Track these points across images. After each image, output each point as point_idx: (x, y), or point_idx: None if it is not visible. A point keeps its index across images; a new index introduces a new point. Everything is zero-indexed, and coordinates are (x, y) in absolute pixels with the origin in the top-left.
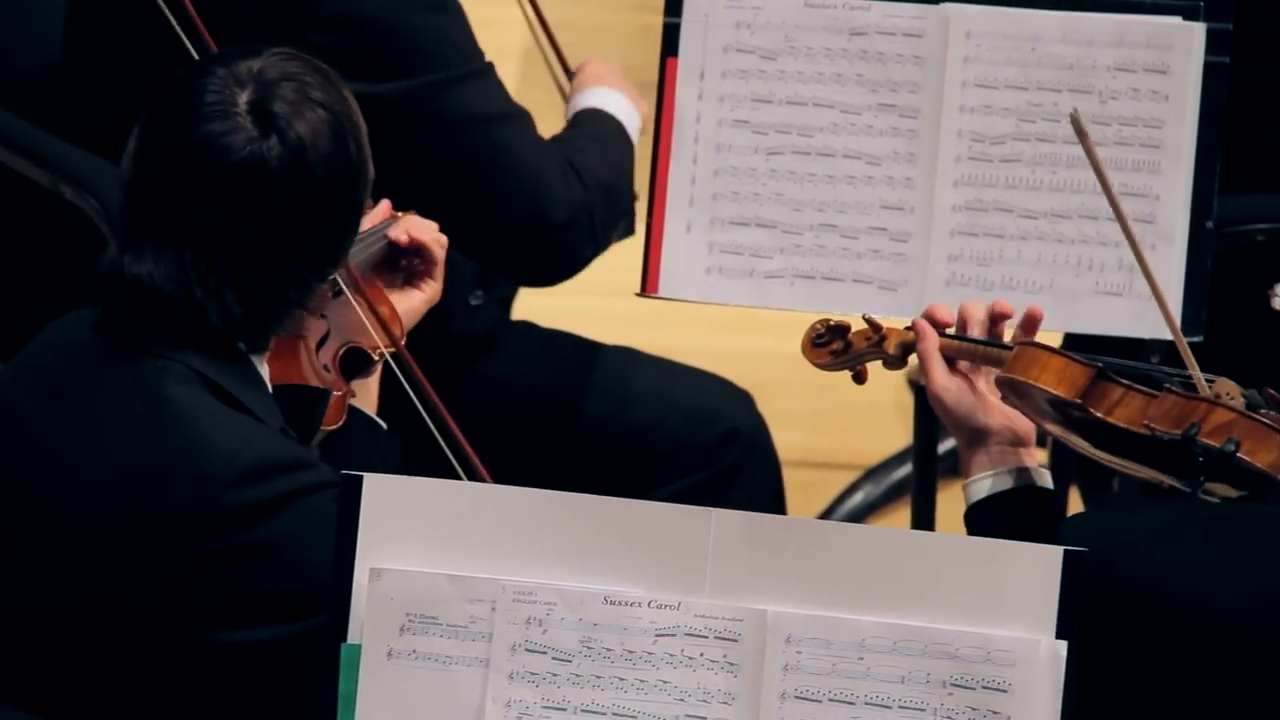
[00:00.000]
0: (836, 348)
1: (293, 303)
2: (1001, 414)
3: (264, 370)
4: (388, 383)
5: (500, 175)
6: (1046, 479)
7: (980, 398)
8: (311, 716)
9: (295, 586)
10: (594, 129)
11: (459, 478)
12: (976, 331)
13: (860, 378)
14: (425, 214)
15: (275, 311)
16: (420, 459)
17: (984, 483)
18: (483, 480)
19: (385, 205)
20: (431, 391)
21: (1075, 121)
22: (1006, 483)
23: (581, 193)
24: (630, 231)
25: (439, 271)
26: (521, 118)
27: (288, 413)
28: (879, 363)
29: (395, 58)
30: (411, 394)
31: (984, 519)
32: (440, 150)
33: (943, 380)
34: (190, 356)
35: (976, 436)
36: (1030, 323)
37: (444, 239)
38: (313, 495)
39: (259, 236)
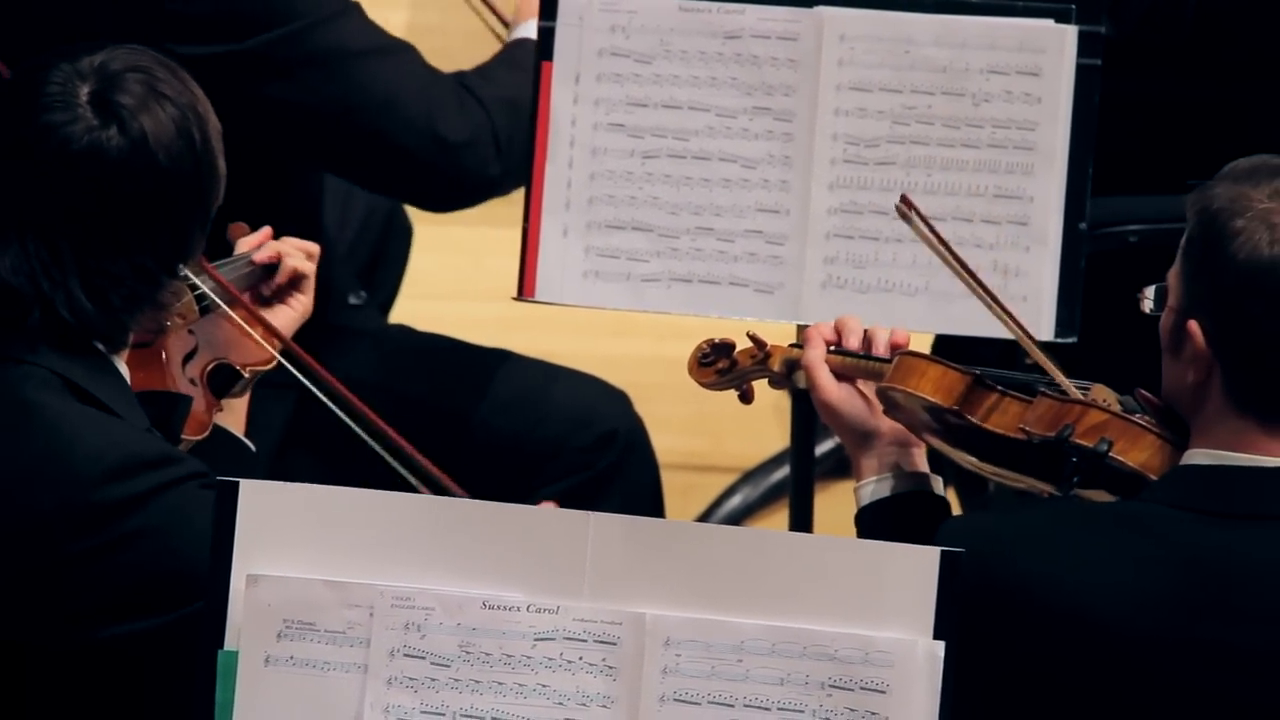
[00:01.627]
0: (722, 366)
1: (143, 297)
2: (891, 418)
3: (124, 369)
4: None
5: (390, 108)
6: (937, 484)
7: (869, 402)
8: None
9: (172, 573)
10: (511, 55)
11: (380, 472)
12: (855, 344)
13: (746, 397)
14: (326, 163)
15: (124, 305)
16: (342, 463)
17: (874, 486)
18: (420, 466)
19: (265, 232)
20: (339, 385)
21: (903, 208)
22: (897, 486)
23: (480, 112)
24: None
25: (309, 285)
26: (401, 49)
27: (149, 419)
28: (765, 381)
29: (255, 12)
30: (314, 389)
31: (874, 522)
32: (321, 94)
33: (831, 386)
34: (49, 358)
35: (866, 440)
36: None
37: (315, 252)
38: (183, 485)
39: (101, 226)
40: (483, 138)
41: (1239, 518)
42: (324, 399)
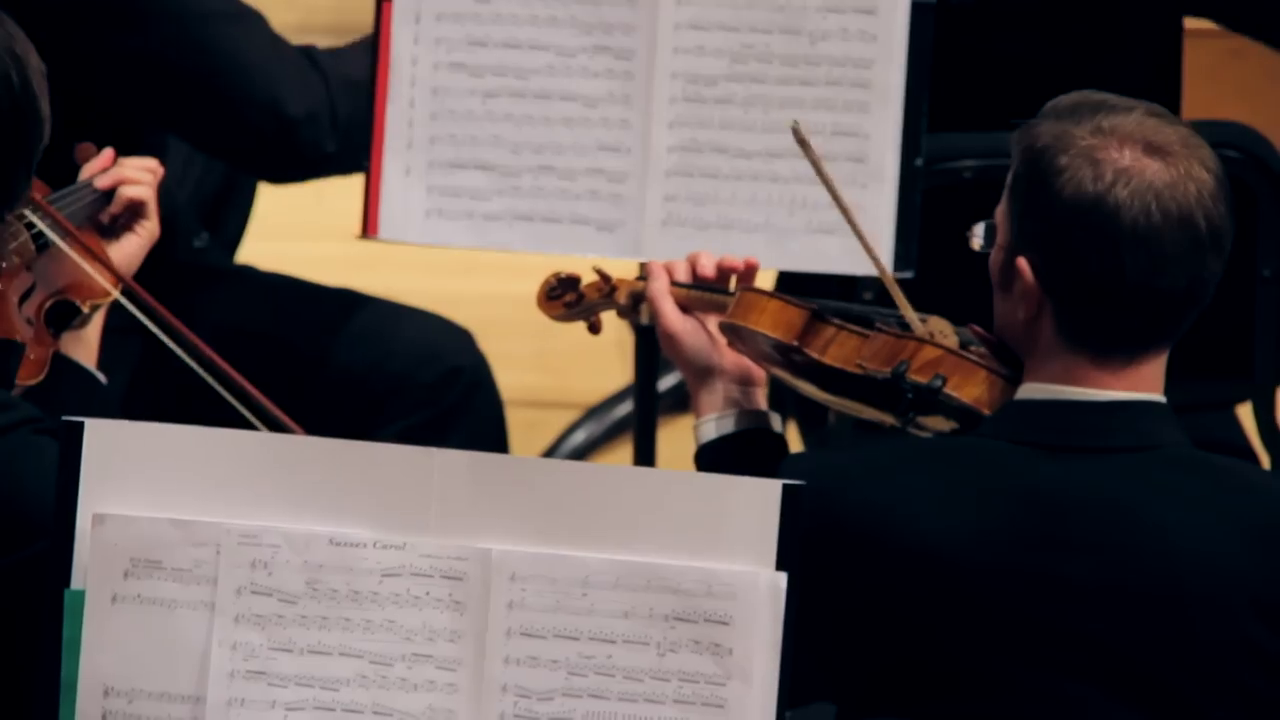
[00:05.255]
0: (570, 299)
1: None
2: (733, 355)
3: None
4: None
5: (232, 73)
6: (776, 422)
7: (713, 338)
8: (38, 661)
9: (10, 516)
10: (368, 42)
11: (222, 409)
12: (705, 277)
13: (595, 328)
14: (165, 121)
15: None
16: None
17: (714, 424)
18: (258, 402)
19: (108, 154)
20: (177, 322)
21: (796, 132)
22: (736, 424)
23: (322, 88)
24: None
25: (151, 210)
26: (250, 16)
27: None
28: (613, 312)
29: None
30: (154, 328)
31: (713, 460)
32: (164, 49)
33: (675, 319)
34: None
35: (708, 376)
36: (749, 272)
37: (157, 170)
38: (15, 431)
39: None
40: (320, 114)
41: (1072, 451)
42: (160, 334)
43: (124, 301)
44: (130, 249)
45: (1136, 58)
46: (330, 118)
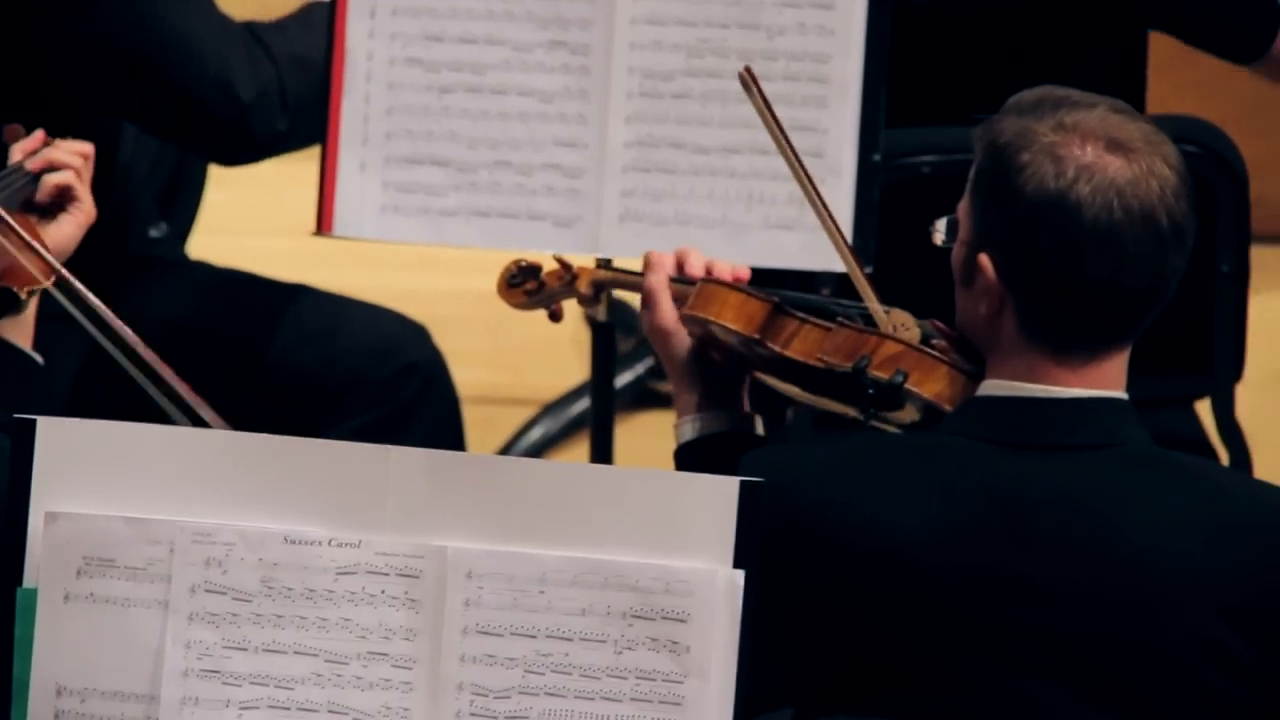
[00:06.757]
0: (530, 288)
1: None
2: (719, 356)
3: None
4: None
5: (182, 55)
6: (759, 424)
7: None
8: None
9: None
10: (306, 13)
11: (154, 404)
12: (694, 274)
13: (556, 316)
14: (115, 105)
15: None
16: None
17: (695, 424)
18: (184, 398)
19: (38, 136)
20: (109, 313)
21: (746, 78)
22: (717, 425)
23: (270, 68)
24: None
25: (82, 193)
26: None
27: None
28: (574, 300)
29: None
30: (85, 321)
31: (693, 460)
32: (112, 32)
33: (670, 317)
34: None
35: (692, 376)
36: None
37: (88, 152)
38: None
39: None
40: (271, 94)
41: (1034, 448)
42: (87, 324)
43: (53, 291)
44: (66, 231)
45: (1098, 55)
46: (280, 96)
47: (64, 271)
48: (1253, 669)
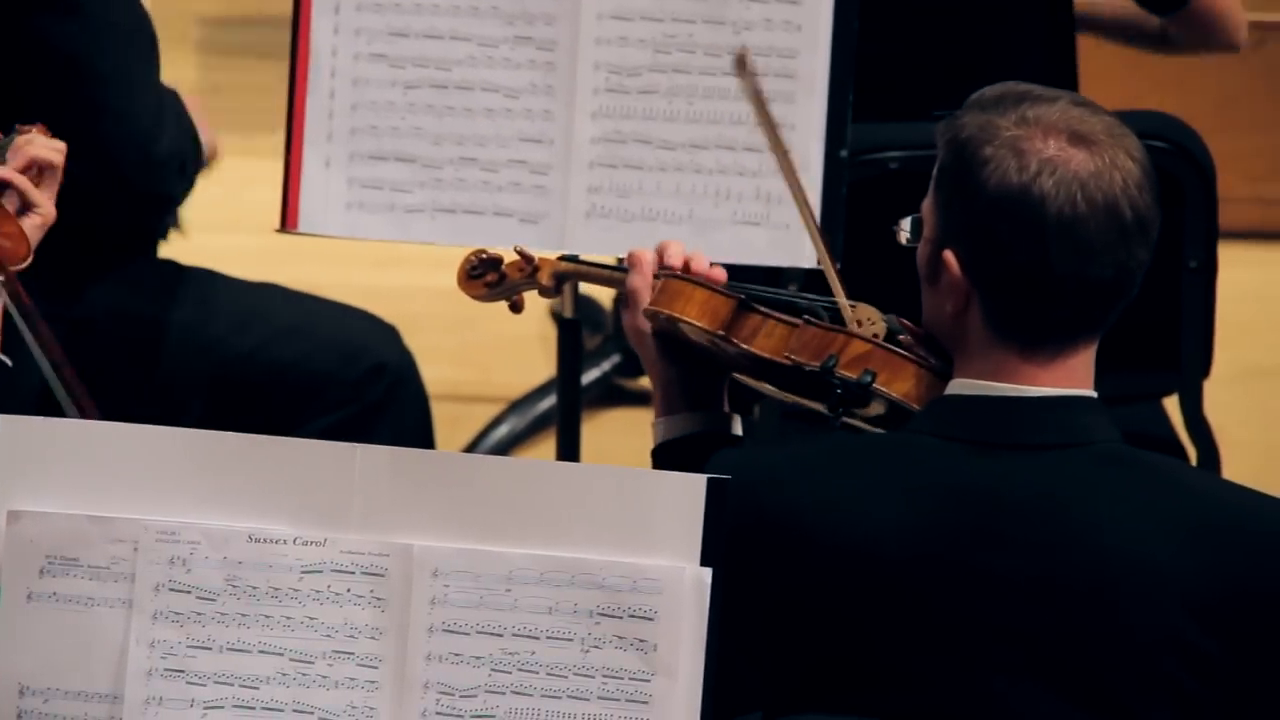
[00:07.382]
0: (491, 279)
1: None
2: (700, 356)
3: None
4: None
5: (129, 90)
6: (737, 425)
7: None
8: None
9: None
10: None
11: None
12: (675, 267)
13: (517, 307)
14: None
15: None
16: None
17: (673, 423)
18: (73, 391)
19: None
20: (43, 325)
21: (742, 58)
22: (696, 425)
23: (188, 144)
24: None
25: (42, 196)
26: (155, 46)
27: None
28: (534, 292)
29: None
30: (22, 326)
31: (668, 460)
32: (86, 46)
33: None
34: None
35: (672, 375)
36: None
37: (61, 149)
38: None
39: None
40: (179, 162)
41: (1003, 447)
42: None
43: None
44: (26, 228)
45: (1033, 52)
46: (182, 167)
47: (9, 271)
48: (1223, 669)
